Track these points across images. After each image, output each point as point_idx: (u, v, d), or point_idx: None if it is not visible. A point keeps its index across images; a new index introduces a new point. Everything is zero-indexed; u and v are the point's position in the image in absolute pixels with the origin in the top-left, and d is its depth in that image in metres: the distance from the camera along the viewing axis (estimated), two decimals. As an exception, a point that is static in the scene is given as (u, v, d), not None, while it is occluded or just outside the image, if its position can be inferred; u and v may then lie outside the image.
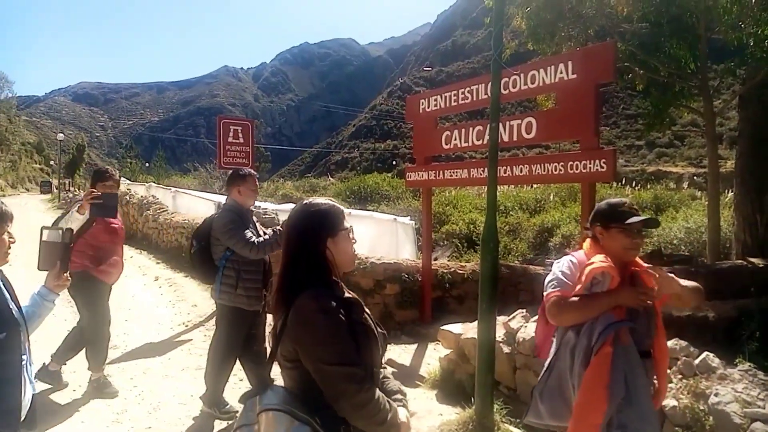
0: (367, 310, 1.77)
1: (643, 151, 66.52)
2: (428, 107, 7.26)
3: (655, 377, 2.40)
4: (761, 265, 8.30)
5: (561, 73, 5.22)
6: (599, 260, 2.34)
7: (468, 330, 4.90)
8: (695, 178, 38.48)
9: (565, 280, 2.38)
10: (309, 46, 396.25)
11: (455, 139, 6.80)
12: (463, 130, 6.72)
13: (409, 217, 11.92)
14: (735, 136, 12.24)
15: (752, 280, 7.57)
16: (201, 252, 4.24)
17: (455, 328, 5.13)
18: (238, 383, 4.90)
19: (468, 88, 6.64)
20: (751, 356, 4.65)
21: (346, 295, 1.75)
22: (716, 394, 2.97)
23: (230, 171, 4.70)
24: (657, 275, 2.27)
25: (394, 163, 75.47)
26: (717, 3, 8.56)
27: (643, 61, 9.64)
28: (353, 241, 1.85)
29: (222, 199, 7.57)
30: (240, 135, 9.03)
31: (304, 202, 1.85)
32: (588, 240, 2.52)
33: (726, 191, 12.79)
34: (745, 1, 8.47)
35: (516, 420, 4.05)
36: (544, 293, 2.44)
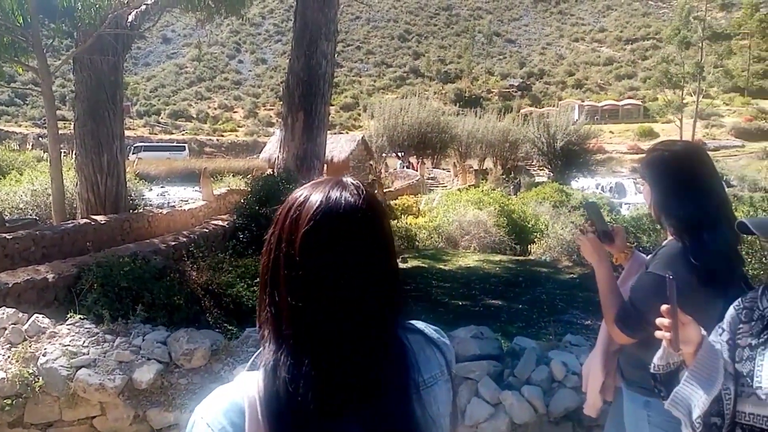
0: None
1: (-16, 108, 59.69)
2: None
3: None
4: (103, 222, 8.93)
5: None
6: None
7: None
8: (41, 138, 37.54)
9: None
10: None
11: None
12: None
13: None
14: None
15: (95, 237, 8.07)
16: None
17: None
18: None
19: None
20: (91, 307, 4.96)
21: None
22: (44, 354, 3.01)
23: None
24: None
25: None
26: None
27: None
28: None
29: None
30: None
31: None
32: None
33: (72, 152, 13.03)
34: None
35: None
36: None
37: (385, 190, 21.73)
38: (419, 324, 0.99)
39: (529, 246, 12.10)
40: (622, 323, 1.90)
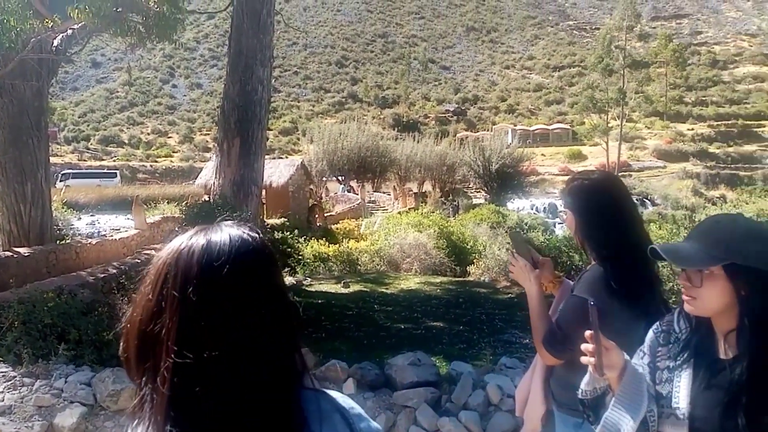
0: None
1: None
2: None
3: None
4: (26, 254, 8.46)
5: None
6: None
7: None
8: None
9: None
10: None
11: None
12: None
13: None
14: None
15: (18, 271, 7.61)
16: None
17: None
18: None
19: None
20: (11, 347, 4.65)
21: None
22: (-46, 403, 2.80)
23: None
24: None
25: None
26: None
27: None
28: None
29: None
30: None
31: None
32: None
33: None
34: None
35: None
36: None
37: (326, 214, 21.64)
38: (332, 392, 0.90)
39: (468, 267, 12.30)
40: (549, 344, 1.96)
